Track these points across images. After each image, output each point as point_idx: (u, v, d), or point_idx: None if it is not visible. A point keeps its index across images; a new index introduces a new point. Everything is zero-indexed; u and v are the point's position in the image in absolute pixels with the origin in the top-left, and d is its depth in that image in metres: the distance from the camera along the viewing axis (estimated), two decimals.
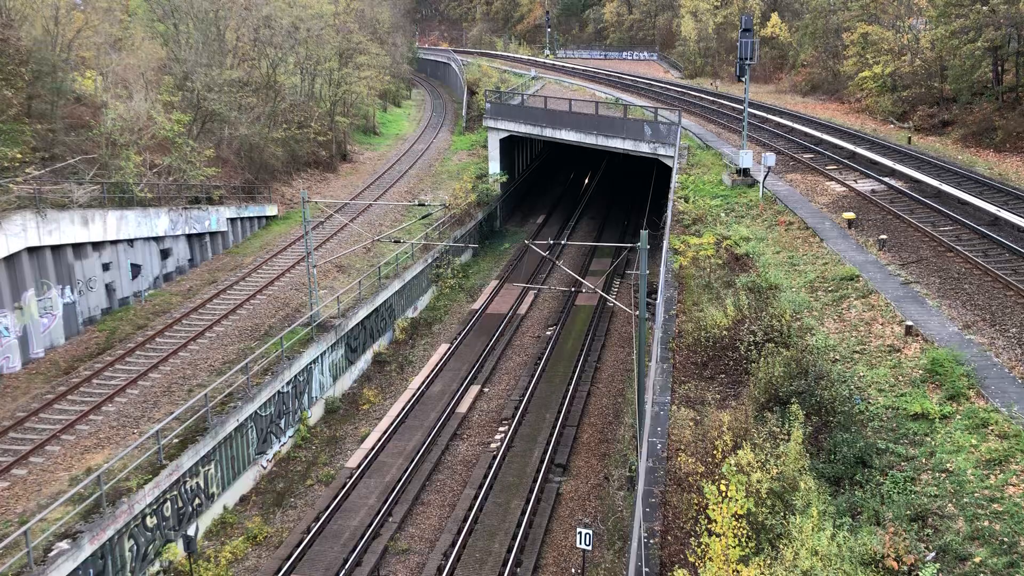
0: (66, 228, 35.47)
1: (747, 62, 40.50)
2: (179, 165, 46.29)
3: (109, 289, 38.96)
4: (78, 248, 36.71)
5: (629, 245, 29.66)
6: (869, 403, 18.92)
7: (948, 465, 16.12)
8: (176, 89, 52.06)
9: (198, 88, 52.13)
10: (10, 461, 25.62)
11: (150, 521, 24.25)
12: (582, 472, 29.75)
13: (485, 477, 29.13)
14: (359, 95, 77.24)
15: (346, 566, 24.67)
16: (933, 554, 13.82)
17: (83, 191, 37.67)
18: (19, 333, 33.28)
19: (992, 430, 16.91)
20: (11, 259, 32.82)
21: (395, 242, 41.30)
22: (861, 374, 20.33)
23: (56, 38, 44.03)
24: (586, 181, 68.14)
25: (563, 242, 51.39)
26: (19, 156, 36.22)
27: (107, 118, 43.07)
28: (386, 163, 72.98)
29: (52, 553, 20.90)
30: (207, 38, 57.69)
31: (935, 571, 13.31)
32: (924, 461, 16.47)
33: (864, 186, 38.23)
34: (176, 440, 26.37)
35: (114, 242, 39.01)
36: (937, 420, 17.63)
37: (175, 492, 25.42)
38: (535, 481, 28.83)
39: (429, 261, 47.41)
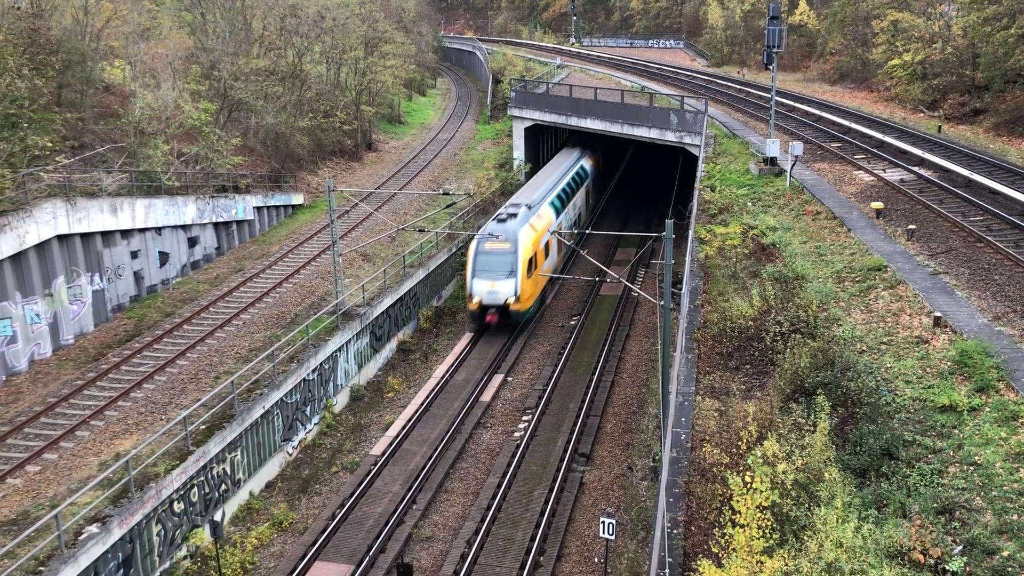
0: (95, 216, 35.87)
1: (775, 50, 40.14)
2: (206, 154, 46.64)
3: (137, 277, 39.39)
4: (107, 236, 37.14)
5: (654, 235, 29.56)
6: (896, 395, 18.76)
7: (976, 458, 15.95)
8: (203, 78, 52.40)
9: (225, 77, 52.45)
10: (41, 445, 26.03)
11: (177, 506, 24.54)
12: (606, 462, 29.74)
13: (508, 466, 29.19)
14: (384, 84, 77.35)
15: (370, 552, 24.84)
16: (960, 547, 13.70)
17: (112, 179, 38.08)
18: (49, 320, 33.75)
19: (1022, 423, 16.70)
20: (41, 247, 33.26)
21: (420, 231, 41.36)
22: (888, 365, 20.15)
23: (86, 28, 44.47)
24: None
25: (587, 231, 51.22)
26: (49, 145, 36.63)
27: (135, 107, 43.47)
28: (411, 152, 73.10)
29: (82, 536, 21.21)
30: (234, 27, 58.00)
31: (962, 564, 13.20)
32: (952, 454, 16.31)
33: (893, 175, 37.80)
34: (203, 427, 26.64)
35: (142, 230, 39.42)
36: (965, 412, 17.45)
37: (202, 478, 25.70)
38: (558, 470, 28.85)
39: (454, 250, 47.46)
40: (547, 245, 44.09)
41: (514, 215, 42.00)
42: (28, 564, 19.93)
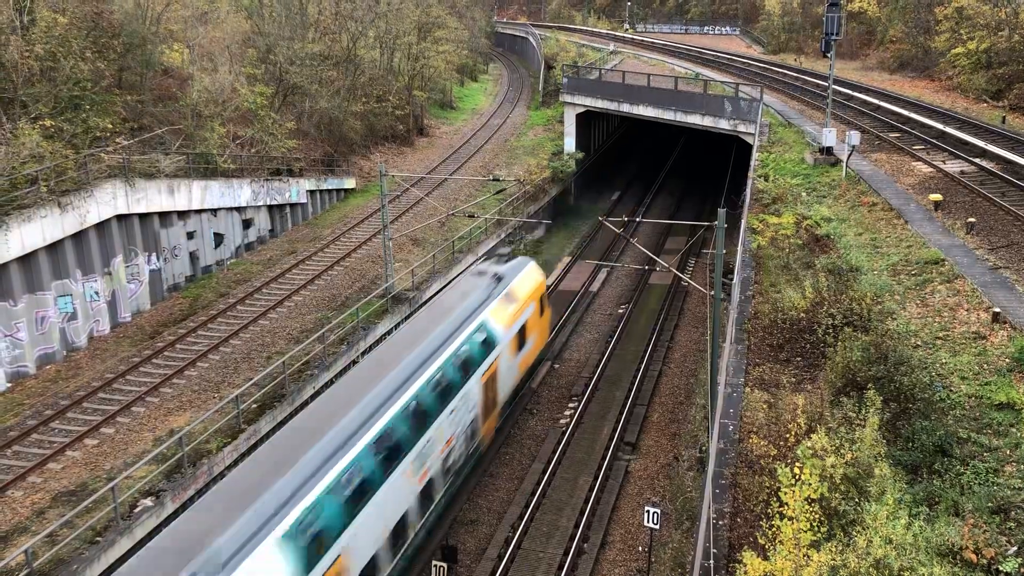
0: (153, 197, 36.60)
1: (833, 37, 39.35)
2: (261, 137, 47.26)
3: (193, 257, 40.13)
4: (164, 217, 37.88)
5: (706, 224, 29.26)
6: (951, 391, 18.39)
7: None
8: (259, 62, 53.07)
9: (280, 61, 53.02)
10: (99, 420, 26.75)
11: None
12: (651, 451, 29.64)
13: (554, 452, 29.26)
14: (437, 69, 77.45)
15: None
16: (1015, 548, 13.42)
17: (169, 161, 38.79)
18: (108, 298, 34.58)
19: None
20: (101, 226, 34.04)
21: (469, 216, 41.49)
22: (943, 361, 19.74)
23: (146, 11, 45.25)
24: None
25: (638, 219, 50.91)
26: (110, 126, 37.49)
27: (193, 90, 44.19)
28: (462, 137, 73.21)
29: (137, 509, 21.78)
30: (290, 12, 58.58)
31: (1017, 565, 12.93)
32: (1008, 452, 15.95)
33: (953, 167, 36.89)
34: (255, 405, 27.13)
35: (198, 211, 40.13)
36: None
37: None
38: (604, 458, 28.84)
39: (502, 236, 47.51)
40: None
41: None
42: (85, 534, 20.54)
